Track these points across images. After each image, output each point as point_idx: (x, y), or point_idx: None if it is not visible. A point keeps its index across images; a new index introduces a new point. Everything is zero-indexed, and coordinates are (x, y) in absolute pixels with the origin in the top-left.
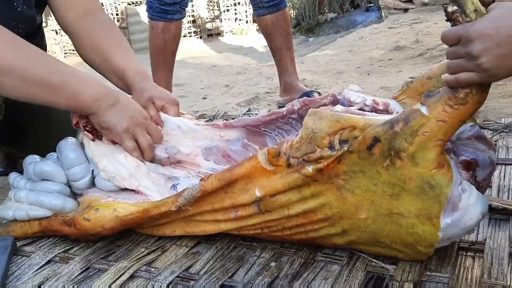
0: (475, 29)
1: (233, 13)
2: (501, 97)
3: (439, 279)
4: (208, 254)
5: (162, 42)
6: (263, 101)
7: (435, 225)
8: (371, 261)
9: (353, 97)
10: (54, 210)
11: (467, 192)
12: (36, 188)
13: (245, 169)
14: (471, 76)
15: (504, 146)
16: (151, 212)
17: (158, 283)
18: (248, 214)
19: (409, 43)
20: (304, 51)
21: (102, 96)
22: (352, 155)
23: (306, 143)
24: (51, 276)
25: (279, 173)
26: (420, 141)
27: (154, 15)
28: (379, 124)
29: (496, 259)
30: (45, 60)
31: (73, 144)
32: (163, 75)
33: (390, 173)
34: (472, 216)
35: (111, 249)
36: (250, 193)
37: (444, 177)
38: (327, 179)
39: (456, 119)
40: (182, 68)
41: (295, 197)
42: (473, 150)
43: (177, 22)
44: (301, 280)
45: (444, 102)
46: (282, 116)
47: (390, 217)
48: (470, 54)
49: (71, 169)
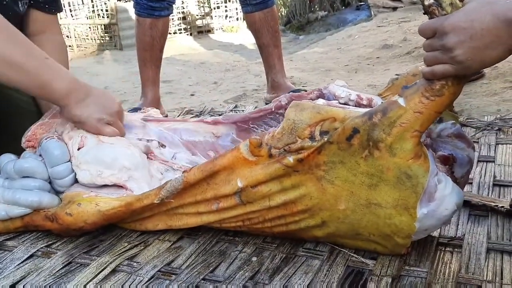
0: (450, 22)
1: (223, 10)
2: (485, 95)
3: (417, 274)
4: (190, 249)
5: (149, 39)
6: (251, 98)
7: (412, 215)
8: (351, 256)
9: (338, 92)
10: (31, 207)
11: (442, 183)
12: (13, 186)
13: (227, 160)
14: (446, 68)
15: (486, 143)
16: (133, 205)
17: (140, 277)
18: (229, 206)
19: (397, 41)
20: (294, 48)
21: (73, 89)
22: (332, 146)
23: (288, 133)
24: (33, 271)
25: (260, 163)
26: (397, 132)
27: (141, 12)
28: (358, 115)
29: (474, 254)
30: (25, 44)
31: (57, 142)
32: (150, 71)
33: (369, 164)
34: (447, 207)
35: (94, 244)
36: (232, 183)
37: (421, 168)
38: (307, 170)
39: (432, 110)
40: (171, 65)
41: (276, 188)
42: (452, 148)
43: (164, 19)
44: (282, 274)
45: (420, 93)
46: (270, 112)
47: (368, 207)
48: (445, 46)
49: (55, 167)
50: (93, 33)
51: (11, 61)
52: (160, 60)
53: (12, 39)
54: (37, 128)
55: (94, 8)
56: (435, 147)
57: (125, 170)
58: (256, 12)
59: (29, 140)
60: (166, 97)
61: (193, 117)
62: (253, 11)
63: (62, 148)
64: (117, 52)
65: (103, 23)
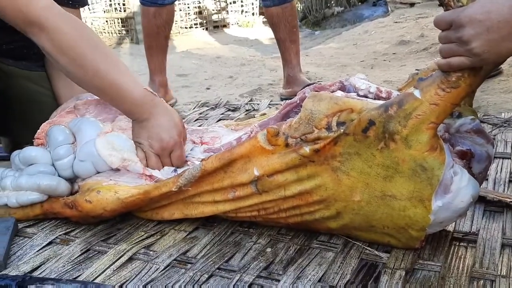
0: (466, 14)
1: (239, 5)
2: (503, 92)
3: (431, 268)
4: (205, 239)
5: (154, 27)
6: (266, 93)
7: (426, 207)
8: (365, 249)
9: (358, 84)
10: (34, 190)
11: (458, 175)
12: (21, 174)
13: (244, 149)
14: (462, 60)
15: (503, 140)
16: (151, 193)
17: (156, 265)
18: (245, 195)
19: (414, 37)
20: (309, 44)
21: (135, 111)
22: (348, 138)
23: (305, 123)
24: (52, 257)
25: (277, 152)
26: (413, 124)
27: (145, 1)
28: (374, 107)
29: (488, 249)
30: (101, 59)
31: (61, 128)
32: (156, 59)
33: (384, 155)
34: (463, 199)
35: (111, 232)
36: (249, 172)
37: (436, 160)
38: (323, 161)
39: (448, 102)
40: (186, 59)
41: (292, 178)
42: (470, 143)
43: (169, 7)
44: (295, 265)
45: (436, 85)
46: (296, 105)
47: (383, 199)
48: (461, 39)
49: (56, 148)
50: (110, 26)
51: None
52: (166, 47)
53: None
54: (45, 126)
55: (112, 1)
56: (453, 142)
57: None
58: (274, 7)
59: (39, 137)
60: (182, 90)
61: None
62: (271, 5)
63: (64, 132)
64: (134, 46)
65: (120, 17)
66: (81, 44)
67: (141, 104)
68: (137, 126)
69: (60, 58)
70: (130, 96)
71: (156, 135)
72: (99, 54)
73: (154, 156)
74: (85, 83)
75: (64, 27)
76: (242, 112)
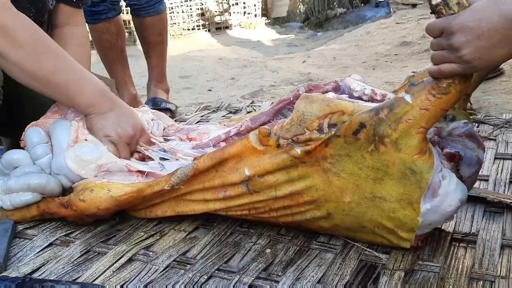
0: (457, 21)
1: (242, 6)
2: (504, 93)
3: (430, 268)
4: (205, 239)
5: (106, 43)
6: (268, 94)
7: (415, 209)
8: (364, 250)
9: (353, 85)
10: (25, 190)
11: (447, 179)
12: (9, 178)
13: (236, 148)
14: (453, 67)
15: (504, 141)
16: (144, 191)
17: (155, 266)
18: (236, 194)
19: (415, 38)
20: (311, 45)
21: (96, 103)
22: (339, 139)
23: (296, 124)
24: (52, 258)
25: (268, 153)
26: (403, 128)
27: (89, 19)
28: (365, 110)
29: (488, 250)
30: (54, 58)
31: (36, 129)
32: (118, 72)
33: (374, 158)
34: (451, 203)
35: (111, 233)
36: (240, 172)
37: (426, 163)
38: (314, 162)
39: (438, 107)
40: (188, 60)
41: (283, 178)
42: (461, 147)
43: (115, 20)
44: (295, 266)
45: (427, 91)
46: (289, 102)
47: (373, 201)
48: (452, 46)
49: (33, 148)
50: None
51: (38, 76)
52: (125, 60)
53: (42, 52)
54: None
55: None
56: (442, 145)
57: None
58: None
59: (23, 139)
60: (184, 92)
61: (210, 113)
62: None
63: (38, 132)
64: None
65: (123, 19)
66: (38, 41)
67: (102, 95)
68: (99, 118)
69: (15, 53)
70: (91, 88)
71: (123, 123)
72: (55, 52)
73: (124, 145)
74: (39, 79)
75: (21, 24)
76: (243, 114)
